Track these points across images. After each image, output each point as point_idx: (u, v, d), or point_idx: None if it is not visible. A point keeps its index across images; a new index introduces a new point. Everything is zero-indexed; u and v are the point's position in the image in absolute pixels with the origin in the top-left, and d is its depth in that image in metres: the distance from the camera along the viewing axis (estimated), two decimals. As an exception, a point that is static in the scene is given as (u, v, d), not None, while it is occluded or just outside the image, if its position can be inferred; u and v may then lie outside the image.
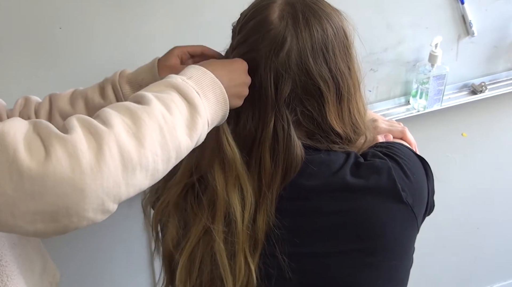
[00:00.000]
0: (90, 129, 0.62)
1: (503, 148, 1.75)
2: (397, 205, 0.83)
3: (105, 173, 0.60)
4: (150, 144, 0.64)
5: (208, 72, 0.76)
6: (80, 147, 0.59)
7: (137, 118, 0.65)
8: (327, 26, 0.82)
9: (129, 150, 0.62)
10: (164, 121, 0.67)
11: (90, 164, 0.59)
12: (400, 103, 1.50)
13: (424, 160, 0.90)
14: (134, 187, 0.64)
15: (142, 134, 0.64)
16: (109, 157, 0.60)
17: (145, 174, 0.64)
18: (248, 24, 0.84)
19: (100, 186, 0.60)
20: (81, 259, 1.40)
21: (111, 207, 0.62)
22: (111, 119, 0.63)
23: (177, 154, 0.68)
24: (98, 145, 0.61)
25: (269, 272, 0.85)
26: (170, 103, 0.69)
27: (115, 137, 0.62)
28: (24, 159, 0.57)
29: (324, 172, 0.83)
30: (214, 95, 0.75)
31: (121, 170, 0.61)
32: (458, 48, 1.48)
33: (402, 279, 0.90)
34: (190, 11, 1.20)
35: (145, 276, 1.52)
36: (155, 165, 0.65)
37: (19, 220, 0.59)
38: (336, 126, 0.85)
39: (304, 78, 0.81)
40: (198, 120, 0.71)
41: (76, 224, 0.61)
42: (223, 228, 0.84)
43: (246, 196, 0.84)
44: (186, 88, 0.72)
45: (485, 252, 1.94)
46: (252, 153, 0.84)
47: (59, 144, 0.59)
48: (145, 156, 0.64)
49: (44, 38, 1.12)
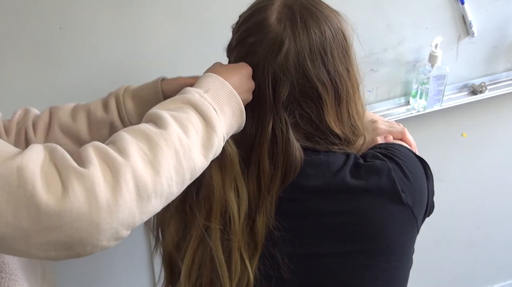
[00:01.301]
0: (107, 161, 0.62)
1: (503, 148, 1.75)
2: (397, 206, 0.83)
3: (121, 206, 0.60)
4: (166, 171, 0.64)
5: (226, 83, 0.76)
6: (97, 181, 0.60)
7: (154, 145, 0.65)
8: (326, 29, 0.82)
9: (145, 180, 0.62)
10: (181, 145, 0.67)
11: (107, 198, 0.60)
12: (400, 104, 1.50)
13: (423, 160, 0.90)
14: (148, 214, 0.65)
15: (158, 162, 0.64)
16: (126, 190, 0.61)
17: (160, 200, 0.65)
18: (246, 26, 0.84)
19: (116, 218, 0.60)
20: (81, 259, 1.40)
21: (124, 234, 0.63)
22: (127, 148, 0.64)
23: (191, 175, 0.69)
24: (114, 178, 0.61)
25: (268, 273, 0.85)
26: (187, 124, 0.69)
27: (131, 169, 0.62)
28: (42, 195, 0.58)
29: (323, 173, 0.83)
30: (230, 109, 0.76)
31: (137, 200, 0.62)
32: (458, 49, 1.48)
33: (402, 280, 0.90)
34: (190, 11, 1.20)
35: (145, 276, 1.52)
36: (170, 189, 0.66)
37: (33, 249, 0.60)
38: (335, 128, 0.85)
39: (302, 81, 0.81)
40: (215, 139, 0.71)
41: (89, 252, 0.62)
42: (220, 226, 0.84)
43: (241, 194, 0.83)
44: (203, 105, 0.72)
45: (485, 252, 1.94)
46: (251, 155, 0.83)
47: (77, 179, 0.59)
48: (161, 183, 0.64)
49: (44, 38, 1.12)
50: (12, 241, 0.59)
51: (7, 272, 0.76)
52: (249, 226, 0.84)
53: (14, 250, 0.60)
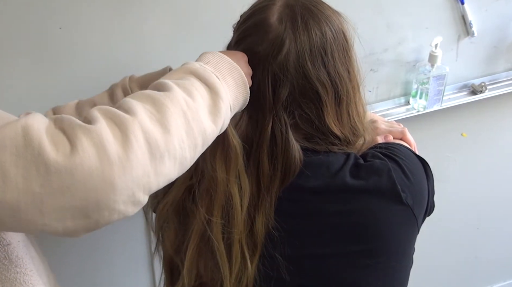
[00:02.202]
0: (113, 119, 0.60)
1: (503, 148, 1.75)
2: (397, 206, 0.83)
3: (133, 162, 0.58)
4: (176, 130, 0.63)
5: (225, 57, 0.75)
6: (105, 136, 0.58)
7: (160, 104, 0.63)
8: (326, 29, 0.82)
9: (156, 137, 0.61)
10: (187, 107, 0.65)
11: (117, 153, 0.58)
12: (400, 104, 1.50)
13: (424, 160, 0.90)
14: (163, 176, 0.62)
15: (167, 120, 0.62)
16: (136, 145, 0.59)
17: (174, 162, 0.63)
18: (247, 26, 0.84)
19: (130, 176, 0.58)
20: (81, 259, 1.40)
21: (141, 198, 0.61)
22: (133, 107, 0.62)
23: (203, 140, 0.67)
24: (123, 134, 0.59)
25: (268, 274, 0.85)
26: (191, 89, 0.67)
27: (140, 125, 0.60)
28: (50, 152, 0.55)
29: (323, 174, 0.83)
30: (233, 80, 0.74)
31: (149, 158, 0.60)
32: (458, 49, 1.48)
33: (402, 280, 0.90)
34: (190, 11, 1.20)
35: (145, 277, 1.52)
36: (183, 152, 0.64)
37: (48, 218, 0.57)
38: (334, 129, 0.85)
39: (302, 82, 0.81)
40: (221, 105, 0.69)
41: (108, 218, 0.59)
42: (221, 219, 0.84)
43: (244, 187, 0.83)
44: (205, 73, 0.70)
45: (485, 252, 1.94)
46: (250, 156, 0.83)
47: (84, 135, 0.57)
48: (172, 142, 0.62)
49: (44, 38, 1.12)
50: (26, 211, 0.56)
51: (22, 267, 0.73)
52: (249, 226, 0.84)
53: (29, 222, 0.57)
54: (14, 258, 0.73)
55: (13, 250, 0.73)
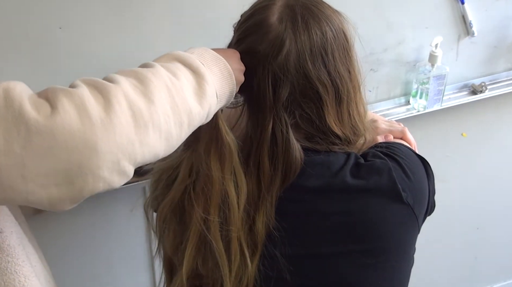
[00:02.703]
0: (96, 86, 0.60)
1: (503, 148, 1.75)
2: (397, 205, 0.83)
3: (117, 127, 0.58)
4: (160, 102, 0.62)
5: (209, 50, 0.76)
6: (87, 99, 0.57)
7: (143, 78, 0.63)
8: (327, 29, 0.82)
9: (139, 105, 0.60)
10: (171, 83, 0.65)
11: (100, 115, 0.57)
12: (400, 104, 1.50)
13: (424, 159, 0.90)
14: (149, 147, 0.62)
15: (150, 92, 0.62)
16: (120, 110, 0.59)
17: (159, 135, 0.62)
18: (247, 26, 0.84)
19: (113, 141, 0.58)
20: (81, 259, 1.40)
21: (127, 167, 0.60)
22: (117, 78, 0.62)
23: (189, 120, 0.66)
24: (106, 99, 0.59)
25: (268, 274, 0.85)
26: (175, 70, 0.68)
27: (123, 92, 0.60)
28: (31, 112, 0.55)
29: (324, 173, 0.83)
30: (218, 69, 0.74)
31: (133, 125, 0.60)
32: (458, 48, 1.48)
33: (402, 280, 0.90)
34: (190, 11, 1.20)
35: (145, 276, 1.52)
36: (168, 126, 0.63)
37: (31, 184, 0.56)
38: (335, 129, 0.85)
39: (302, 82, 0.81)
40: (206, 87, 0.69)
41: (92, 186, 0.58)
42: (219, 217, 0.83)
43: (240, 184, 0.83)
44: (189, 58, 0.71)
45: (485, 252, 1.94)
46: (251, 155, 0.83)
47: (65, 96, 0.57)
48: (156, 112, 0.62)
49: (44, 38, 1.12)
50: (8, 176, 0.55)
51: (13, 256, 0.72)
52: (249, 226, 0.84)
53: (12, 189, 0.56)
54: (5, 247, 0.72)
55: (5, 239, 0.72)
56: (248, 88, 0.82)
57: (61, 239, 1.34)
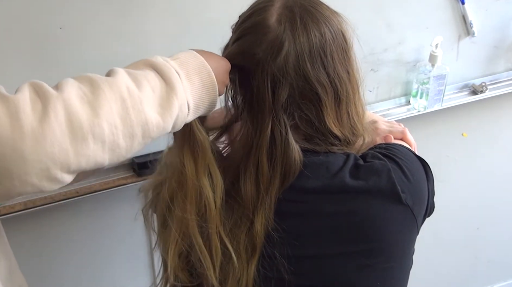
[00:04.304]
0: (38, 92, 0.61)
1: (503, 148, 1.75)
2: (396, 206, 0.83)
3: (48, 137, 0.58)
4: (107, 115, 0.62)
5: (199, 56, 0.75)
6: (23, 107, 0.58)
7: (96, 87, 0.63)
8: (326, 30, 0.82)
9: (80, 117, 0.60)
10: (128, 94, 0.65)
11: (31, 125, 0.58)
12: (400, 104, 1.50)
13: (424, 161, 0.90)
14: (86, 157, 0.62)
15: (98, 103, 0.62)
16: (55, 120, 0.59)
17: (101, 146, 0.62)
18: (246, 27, 0.83)
19: (43, 150, 0.58)
20: (81, 259, 1.40)
21: (59, 175, 0.61)
22: (65, 86, 0.62)
23: (143, 131, 0.66)
24: (43, 107, 0.59)
25: (267, 275, 0.85)
26: (141, 79, 0.67)
27: (64, 102, 0.60)
28: None
29: (323, 174, 0.83)
30: (199, 79, 0.73)
31: (69, 136, 0.60)
32: (458, 49, 1.48)
33: (401, 280, 0.90)
34: (190, 11, 1.20)
35: (145, 276, 1.52)
36: (114, 137, 0.63)
37: None
38: (334, 130, 0.84)
39: (301, 83, 0.81)
40: (174, 100, 0.69)
41: (19, 189, 0.59)
42: (196, 214, 0.83)
43: (216, 180, 0.83)
44: (164, 67, 0.70)
45: (485, 252, 1.94)
46: (250, 157, 0.83)
47: (1, 103, 0.58)
48: (99, 125, 0.62)
49: (44, 38, 1.12)
50: None
51: None
52: (247, 227, 0.84)
53: None
54: None
55: None
56: (246, 90, 0.82)
57: (61, 239, 1.34)
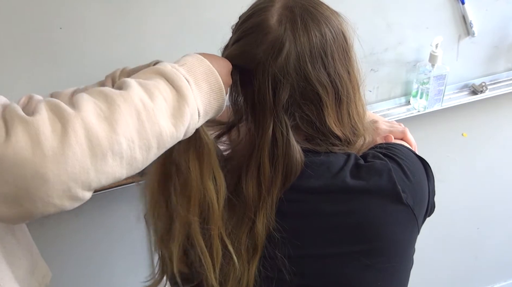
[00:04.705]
0: (56, 112, 0.60)
1: (503, 148, 1.75)
2: (397, 206, 0.83)
3: (69, 157, 0.58)
4: (124, 130, 0.62)
5: (205, 60, 0.75)
6: (43, 129, 0.58)
7: (112, 102, 0.63)
8: (326, 31, 0.82)
9: (98, 135, 0.60)
10: (143, 107, 0.64)
11: (52, 147, 0.57)
12: (400, 104, 1.50)
13: (424, 160, 0.90)
14: (106, 174, 0.62)
15: (115, 119, 0.62)
16: (75, 141, 0.59)
17: (120, 161, 0.62)
18: (246, 27, 0.83)
19: (64, 171, 0.58)
20: (81, 258, 1.40)
21: (80, 194, 0.60)
22: (81, 103, 0.62)
23: (158, 142, 0.66)
24: (63, 127, 0.59)
25: (268, 275, 0.85)
26: (153, 90, 0.67)
27: (82, 120, 0.60)
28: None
29: (324, 174, 0.83)
30: (207, 84, 0.73)
31: (89, 155, 0.59)
32: (458, 48, 1.48)
33: (402, 280, 0.90)
34: (190, 11, 1.20)
35: (145, 276, 1.52)
36: (131, 152, 0.63)
37: None
38: (335, 130, 0.85)
39: (302, 84, 0.81)
40: (185, 109, 0.68)
41: (42, 210, 0.59)
42: (199, 216, 0.83)
43: (219, 182, 0.83)
44: (175, 76, 0.70)
45: (485, 252, 1.94)
46: (251, 158, 0.83)
47: (21, 125, 0.58)
48: (118, 142, 0.61)
49: (44, 38, 1.12)
50: None
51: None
52: (249, 228, 0.84)
53: None
54: None
55: None
56: (248, 91, 0.82)
57: (61, 239, 1.34)
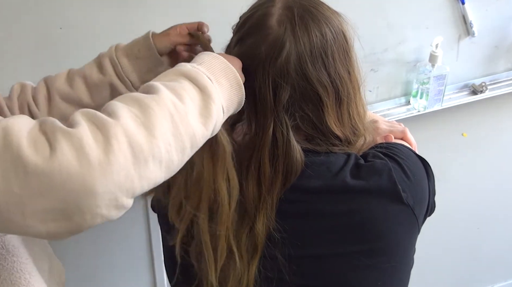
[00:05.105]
0: (95, 122, 0.59)
1: (503, 148, 1.75)
2: (397, 206, 0.83)
3: (115, 166, 0.57)
4: (161, 133, 0.62)
5: (220, 57, 0.75)
6: (86, 140, 0.57)
7: (146, 107, 0.62)
8: (326, 31, 0.82)
9: (139, 141, 0.60)
10: (175, 109, 0.64)
11: (98, 157, 0.57)
12: (400, 104, 1.50)
13: (424, 160, 0.90)
14: (148, 180, 0.61)
15: (151, 123, 0.61)
16: (118, 149, 0.58)
17: (159, 166, 0.62)
18: (247, 28, 0.83)
19: (111, 180, 0.57)
20: (80, 258, 1.40)
21: (125, 202, 0.60)
22: (117, 110, 0.61)
23: (192, 143, 0.66)
24: (105, 137, 0.58)
25: (269, 275, 0.85)
26: (181, 91, 0.66)
27: (123, 128, 0.59)
28: (28, 154, 0.55)
29: (324, 174, 0.83)
30: (227, 81, 0.73)
31: (132, 162, 0.59)
32: (458, 48, 1.48)
33: (402, 280, 0.90)
34: (190, 11, 1.20)
35: (145, 276, 1.52)
36: (169, 155, 0.62)
37: (30, 219, 0.57)
38: (335, 130, 0.84)
39: (303, 84, 0.81)
40: (212, 107, 0.68)
41: (90, 222, 0.58)
42: (207, 215, 0.83)
43: (233, 184, 0.82)
44: (197, 75, 0.69)
45: (485, 252, 1.94)
46: (252, 158, 0.83)
47: (64, 138, 0.57)
48: (157, 146, 0.61)
49: (44, 38, 1.12)
50: (7, 211, 0.56)
51: (18, 256, 0.74)
52: (249, 228, 0.84)
53: (12, 223, 0.57)
54: (10, 247, 0.73)
55: (10, 240, 0.74)
56: (248, 91, 0.82)
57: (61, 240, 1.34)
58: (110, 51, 0.92)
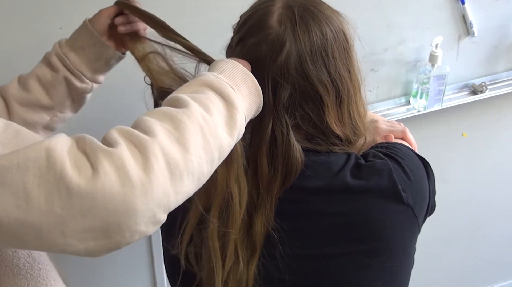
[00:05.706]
0: (133, 140, 0.60)
1: (503, 148, 1.75)
2: (397, 206, 0.83)
3: (154, 184, 0.58)
4: (194, 148, 0.63)
5: (238, 64, 0.75)
6: (127, 159, 0.58)
7: (178, 122, 0.63)
8: (327, 30, 0.82)
9: (175, 157, 0.61)
10: (205, 122, 0.65)
11: (139, 176, 0.58)
12: (400, 104, 1.50)
13: (425, 160, 0.90)
14: (183, 194, 0.63)
15: (185, 139, 0.62)
16: (157, 167, 0.59)
17: (192, 179, 0.63)
18: (247, 27, 0.83)
19: (151, 198, 0.58)
20: (80, 258, 1.40)
21: (162, 217, 0.61)
22: (152, 127, 0.62)
23: (220, 154, 0.67)
24: (143, 156, 0.59)
25: (268, 275, 0.84)
26: (208, 103, 0.67)
27: (160, 146, 0.60)
28: (72, 175, 0.56)
29: (324, 174, 0.83)
30: (247, 88, 0.74)
31: (169, 178, 0.60)
32: (458, 48, 1.48)
33: (402, 280, 0.90)
34: (190, 12, 1.20)
35: (145, 276, 1.52)
36: (200, 168, 0.64)
37: (70, 239, 0.57)
38: (336, 129, 0.84)
39: (303, 83, 0.81)
40: (237, 116, 0.70)
41: (129, 239, 0.59)
42: (218, 218, 0.82)
43: (243, 187, 0.82)
44: (220, 84, 0.70)
45: (485, 252, 1.94)
46: (249, 157, 0.83)
47: (106, 158, 0.57)
48: (191, 160, 0.62)
49: (44, 38, 1.12)
50: (48, 232, 0.57)
51: (43, 263, 0.75)
52: (247, 227, 0.84)
53: (52, 243, 0.58)
54: (36, 255, 0.74)
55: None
56: None
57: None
58: (55, 49, 0.95)
